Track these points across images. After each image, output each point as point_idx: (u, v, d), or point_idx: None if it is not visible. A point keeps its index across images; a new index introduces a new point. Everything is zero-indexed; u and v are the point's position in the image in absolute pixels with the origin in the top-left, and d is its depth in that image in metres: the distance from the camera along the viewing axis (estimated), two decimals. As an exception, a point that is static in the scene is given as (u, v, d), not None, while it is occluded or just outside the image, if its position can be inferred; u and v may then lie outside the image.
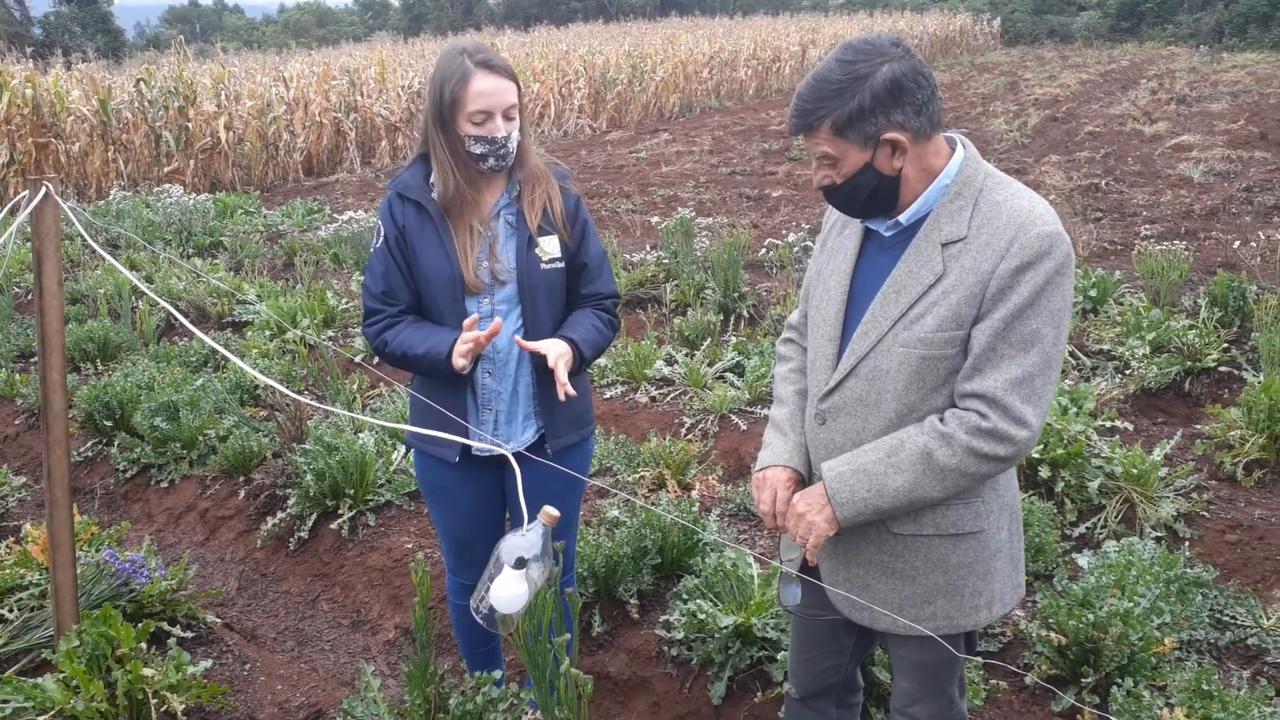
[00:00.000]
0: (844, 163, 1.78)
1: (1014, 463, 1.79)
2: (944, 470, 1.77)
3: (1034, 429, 1.74)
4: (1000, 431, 1.73)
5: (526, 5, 52.58)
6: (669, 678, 3.05)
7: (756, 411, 4.87)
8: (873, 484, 1.82)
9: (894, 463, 1.80)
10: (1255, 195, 9.32)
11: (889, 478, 1.80)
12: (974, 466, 1.76)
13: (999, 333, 1.73)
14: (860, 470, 1.84)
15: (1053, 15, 41.84)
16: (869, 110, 1.71)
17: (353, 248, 8.52)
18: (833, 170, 1.81)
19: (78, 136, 13.41)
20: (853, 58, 1.73)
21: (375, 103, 16.44)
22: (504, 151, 2.34)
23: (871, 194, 1.81)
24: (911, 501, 1.81)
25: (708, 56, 23.93)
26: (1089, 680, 2.67)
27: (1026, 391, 1.72)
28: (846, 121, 1.73)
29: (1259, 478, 3.92)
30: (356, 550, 3.92)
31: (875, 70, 1.71)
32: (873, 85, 1.70)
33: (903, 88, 1.71)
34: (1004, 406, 1.72)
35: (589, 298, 2.50)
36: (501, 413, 2.48)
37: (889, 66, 1.71)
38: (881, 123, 1.73)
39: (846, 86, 1.71)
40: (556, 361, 2.27)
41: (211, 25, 66.40)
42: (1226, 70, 22.75)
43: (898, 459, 1.80)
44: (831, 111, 1.73)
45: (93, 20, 39.84)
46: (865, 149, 1.76)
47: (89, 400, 4.92)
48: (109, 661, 2.70)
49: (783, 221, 9.66)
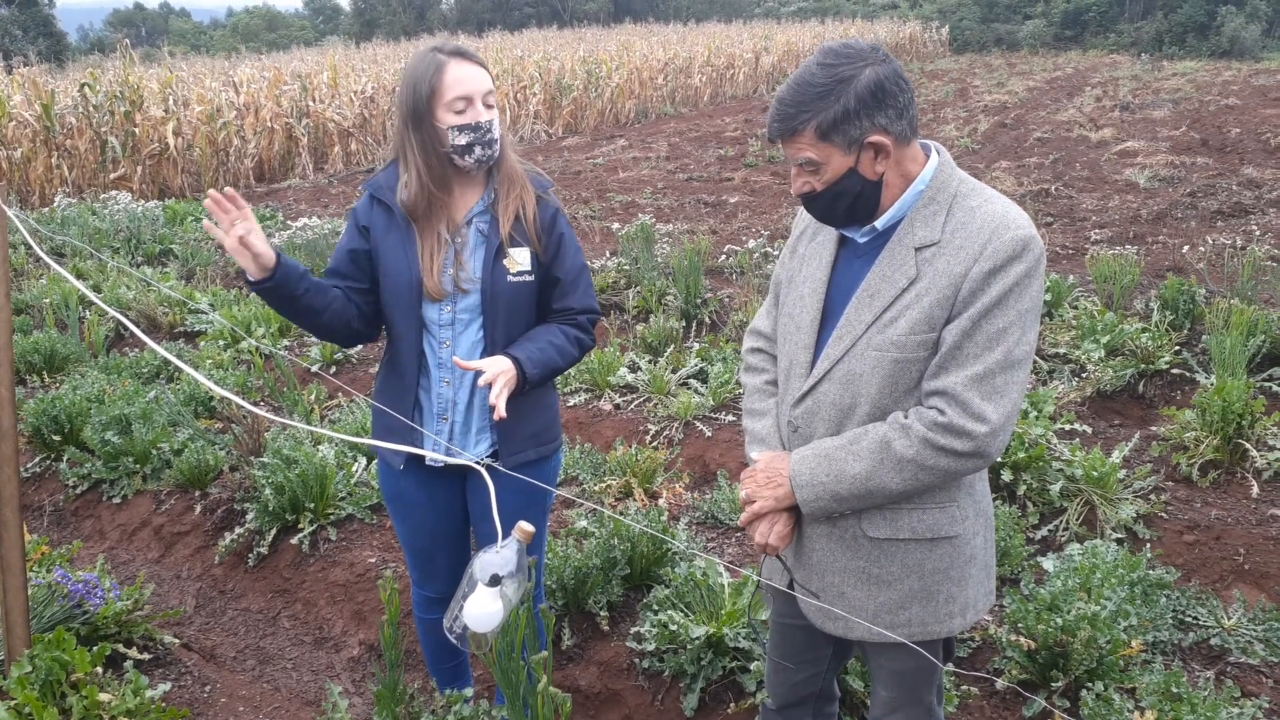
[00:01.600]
0: (827, 168, 1.77)
1: (979, 460, 1.76)
2: (900, 460, 1.77)
3: (993, 425, 1.73)
4: (956, 426, 1.73)
5: (480, 11, 52.35)
6: (641, 690, 3.02)
7: (721, 418, 4.87)
8: (832, 468, 1.83)
9: (854, 450, 1.81)
10: (1199, 200, 9.55)
11: (847, 464, 1.81)
12: (931, 459, 1.76)
13: (965, 332, 1.74)
14: (822, 455, 1.86)
15: (999, 23, 42.62)
16: (853, 113, 1.71)
17: (307, 255, 8.38)
18: (814, 177, 1.79)
19: (19, 142, 13.05)
20: (834, 61, 1.72)
21: (328, 108, 16.22)
22: (489, 138, 2.29)
23: (854, 200, 1.80)
24: (869, 491, 1.81)
25: (662, 63, 23.98)
26: (1059, 684, 2.69)
27: (987, 388, 1.72)
28: (831, 124, 1.72)
29: (1214, 478, 3.99)
30: (318, 565, 3.84)
31: (858, 73, 1.70)
32: (856, 88, 1.70)
33: (885, 90, 1.71)
34: (962, 402, 1.73)
35: (560, 313, 2.45)
36: (457, 423, 2.44)
37: (871, 70, 1.71)
38: (865, 125, 1.72)
39: (830, 89, 1.70)
40: (495, 378, 2.21)
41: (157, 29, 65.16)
42: (1167, 78, 23.36)
43: (857, 447, 1.81)
44: (815, 114, 1.72)
45: (34, 23, 38.85)
46: (849, 153, 1.75)
47: (36, 414, 4.77)
48: (63, 687, 2.61)
49: (741, 227, 9.69)
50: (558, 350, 2.38)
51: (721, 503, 3.98)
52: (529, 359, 2.30)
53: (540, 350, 2.34)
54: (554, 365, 2.37)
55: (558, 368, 2.38)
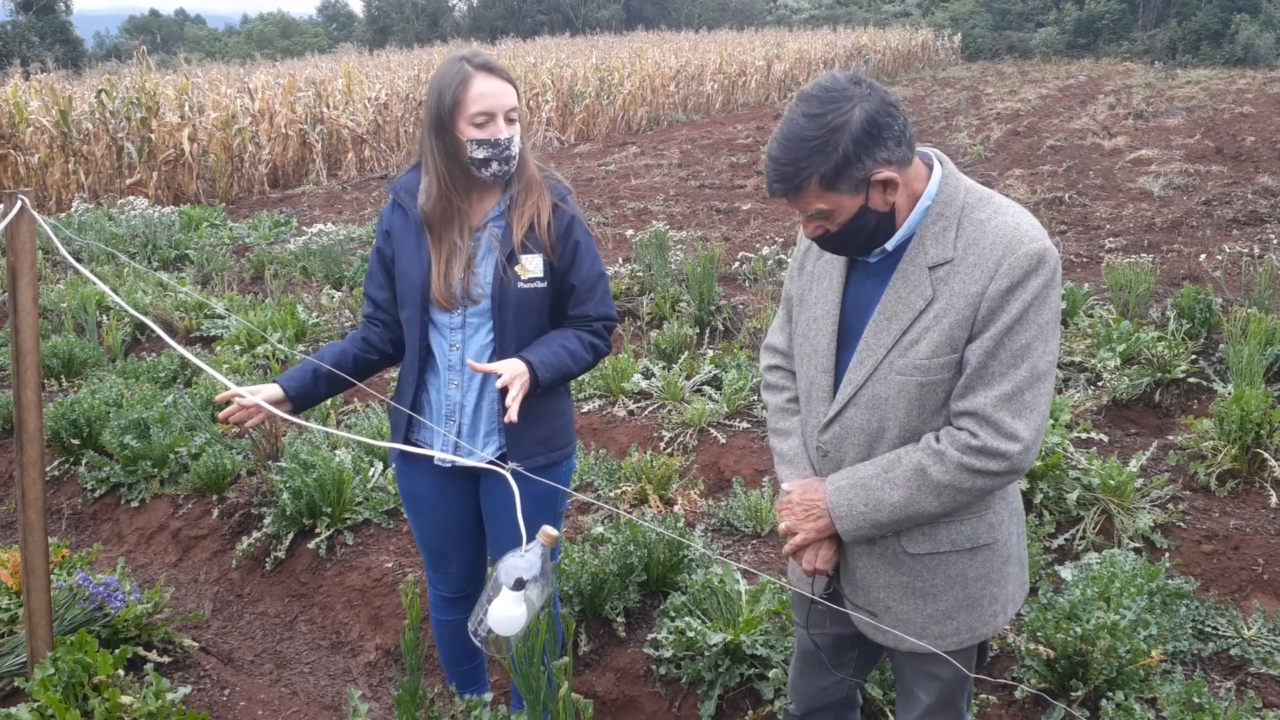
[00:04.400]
0: (839, 214, 1.75)
1: (1013, 477, 1.79)
2: (938, 486, 1.77)
3: (1026, 441, 1.73)
4: (990, 448, 1.73)
5: (492, 18, 52.51)
6: (658, 697, 3.02)
7: (735, 425, 4.87)
8: (870, 498, 1.83)
9: (890, 478, 1.81)
10: (1214, 209, 9.52)
11: (885, 492, 1.81)
12: (968, 482, 1.76)
13: (990, 351, 1.73)
14: (858, 484, 1.85)
15: (1012, 31, 42.55)
16: (853, 157, 1.68)
17: (322, 261, 8.43)
18: (826, 222, 1.78)
19: (37, 148, 13.15)
20: (819, 109, 1.68)
21: (342, 114, 16.30)
22: (507, 155, 2.31)
23: (871, 234, 1.79)
24: (909, 516, 1.82)
25: (674, 70, 24.02)
26: (1078, 694, 2.68)
27: (1016, 406, 1.72)
28: (834, 174, 1.69)
29: (1232, 488, 3.98)
30: (335, 570, 3.86)
31: (849, 116, 1.66)
32: (851, 131, 1.66)
33: (878, 124, 1.68)
34: (994, 423, 1.73)
35: (576, 319, 2.46)
36: (465, 426, 2.46)
37: (860, 108, 1.67)
38: (869, 165, 1.69)
39: (825, 140, 1.67)
40: (511, 380, 2.23)
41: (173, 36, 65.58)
42: (1181, 86, 23.29)
43: (893, 474, 1.81)
44: (816, 169, 1.69)
45: (51, 30, 39.14)
46: (858, 194, 1.72)
47: (55, 418, 4.81)
48: (85, 689, 2.63)
49: (754, 234, 9.70)
50: (571, 355, 2.39)
51: (737, 510, 3.98)
52: (541, 362, 2.32)
53: (554, 354, 2.36)
54: (566, 369, 2.38)
55: (570, 372, 2.40)
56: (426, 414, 2.49)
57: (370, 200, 13.25)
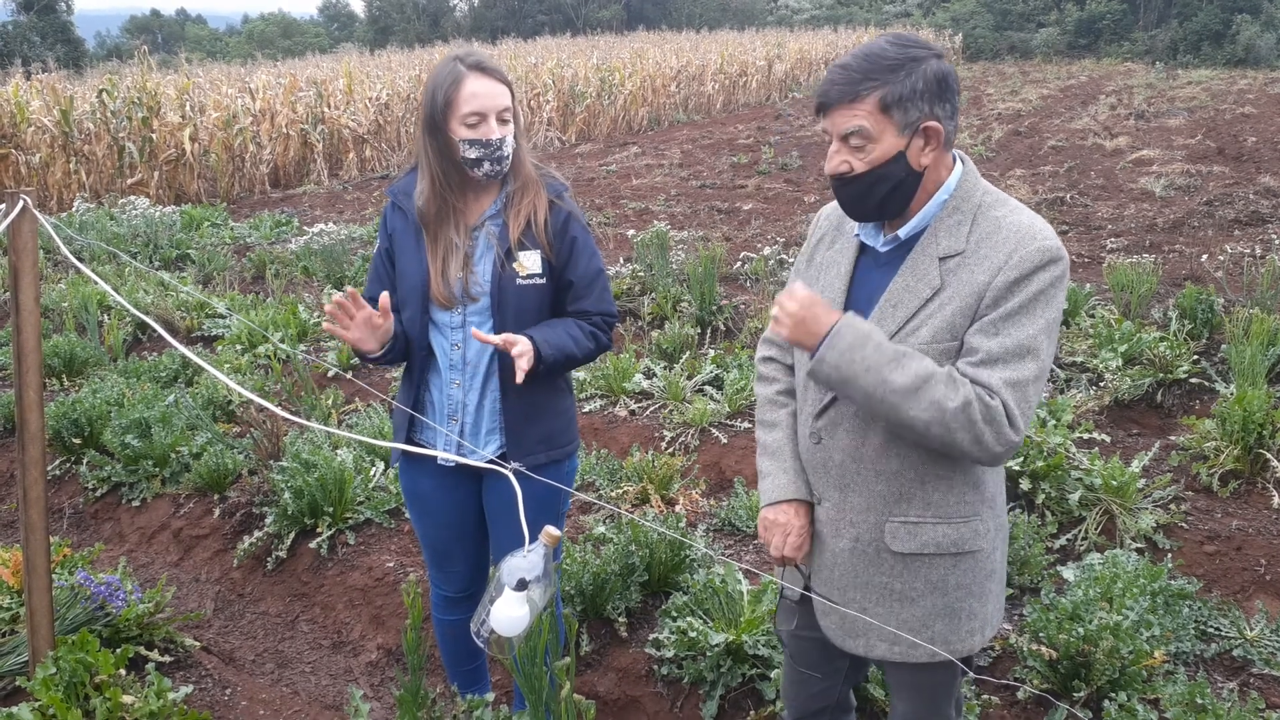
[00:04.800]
0: (876, 145, 1.73)
1: (987, 458, 1.71)
2: (933, 402, 1.68)
3: (1020, 432, 1.71)
4: (996, 414, 1.67)
5: (493, 18, 52.53)
6: (659, 697, 3.02)
7: (737, 425, 4.87)
8: (870, 358, 1.71)
9: (900, 363, 1.70)
10: (1216, 209, 9.51)
11: (885, 367, 1.70)
12: (956, 421, 1.67)
13: (993, 337, 1.70)
14: (869, 341, 1.72)
15: (1013, 31, 42.54)
16: (919, 94, 1.72)
17: (323, 260, 8.43)
18: (857, 155, 1.75)
19: (38, 147, 13.15)
20: (906, 42, 1.75)
21: (343, 114, 16.30)
22: (499, 155, 2.32)
23: (892, 189, 1.76)
24: (883, 398, 1.70)
25: (675, 70, 24.01)
26: (1081, 694, 2.68)
27: (1019, 396, 1.70)
28: (896, 99, 1.71)
29: (1234, 488, 3.97)
30: (336, 569, 3.86)
31: (928, 59, 1.73)
32: (926, 71, 1.72)
33: (948, 85, 1.74)
34: (1004, 400, 1.69)
35: (575, 315, 2.46)
36: (467, 425, 2.46)
37: (937, 62, 1.74)
38: (925, 110, 1.73)
39: (902, 64, 1.72)
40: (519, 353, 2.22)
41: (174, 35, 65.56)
42: (1182, 86, 23.28)
43: (905, 363, 1.70)
44: (883, 85, 1.71)
45: (52, 30, 39.16)
46: (902, 134, 1.73)
47: (57, 417, 4.81)
48: (87, 689, 2.62)
49: (755, 235, 9.70)
50: (574, 340, 2.38)
51: (739, 510, 3.98)
52: (545, 340, 2.31)
53: (557, 336, 2.35)
54: (569, 352, 2.37)
55: (574, 356, 2.38)
56: (430, 414, 2.49)
57: (371, 200, 13.25)
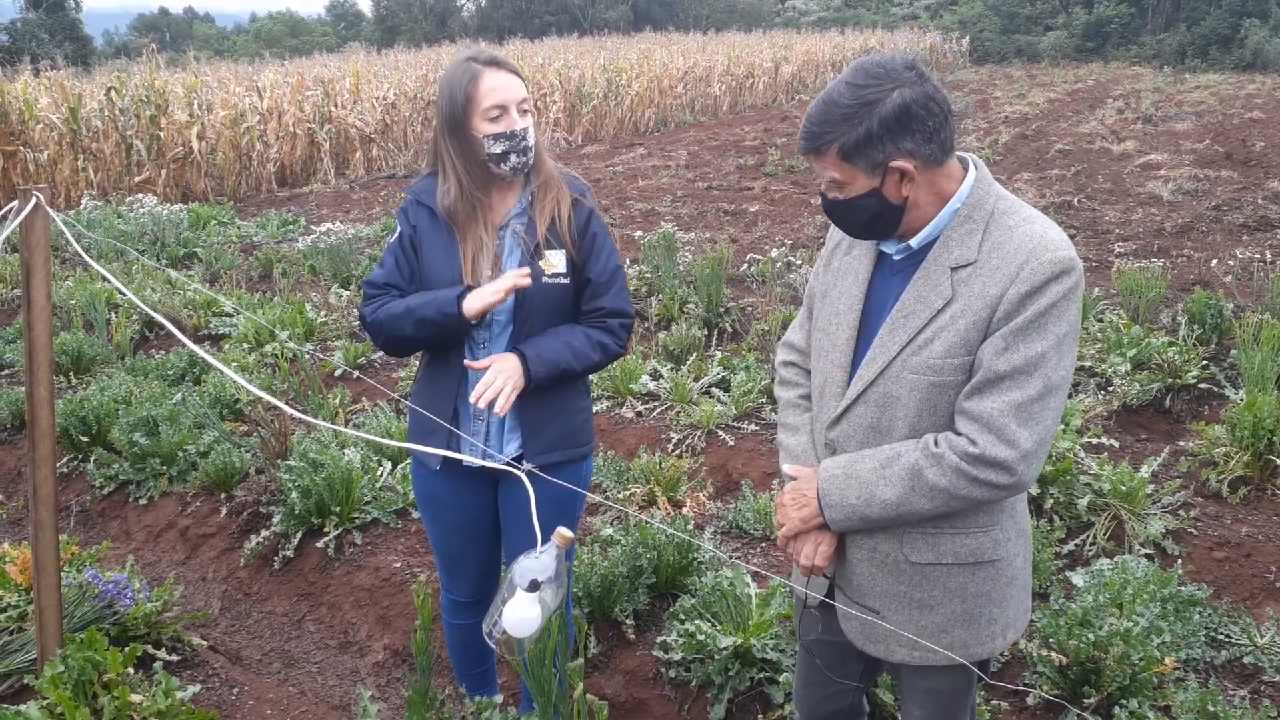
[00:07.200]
0: (851, 186, 1.77)
1: (1013, 490, 1.75)
2: (933, 489, 1.75)
3: (1024, 450, 1.70)
4: (989, 457, 1.70)
5: (500, 19, 52.57)
6: (667, 700, 3.01)
7: (744, 427, 4.86)
8: (863, 492, 1.82)
9: (886, 475, 1.79)
10: (1224, 214, 9.49)
11: (879, 488, 1.80)
12: (965, 489, 1.74)
13: (1000, 351, 1.70)
14: (853, 476, 1.83)
15: (1020, 35, 42.49)
16: (876, 137, 1.69)
17: (330, 259, 8.44)
18: (838, 189, 1.79)
19: (46, 145, 13.17)
20: (863, 81, 1.69)
21: (350, 114, 16.32)
22: (524, 146, 2.32)
23: (872, 219, 1.79)
24: (900, 515, 1.80)
25: (682, 71, 24.01)
26: (1091, 700, 2.67)
27: (1023, 415, 1.69)
28: (853, 148, 1.71)
29: (1244, 494, 3.95)
30: (343, 569, 3.85)
31: (885, 96, 1.67)
32: (881, 112, 1.67)
33: (912, 115, 1.68)
34: (998, 429, 1.70)
35: (590, 314, 2.45)
36: (493, 424, 2.45)
37: (899, 92, 1.68)
38: (890, 150, 1.70)
39: (854, 112, 1.69)
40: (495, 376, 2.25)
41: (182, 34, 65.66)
42: (1190, 91, 23.23)
43: (889, 471, 1.79)
44: (839, 137, 1.71)
45: (61, 27, 39.28)
46: (873, 175, 1.73)
47: (64, 415, 4.81)
48: (95, 687, 2.62)
49: (761, 237, 9.69)
50: (573, 352, 2.36)
51: (746, 513, 3.97)
52: (536, 356, 2.31)
53: (552, 350, 2.34)
54: (565, 366, 2.35)
55: (570, 369, 2.36)
56: (457, 417, 2.46)
57: (378, 200, 13.26)
